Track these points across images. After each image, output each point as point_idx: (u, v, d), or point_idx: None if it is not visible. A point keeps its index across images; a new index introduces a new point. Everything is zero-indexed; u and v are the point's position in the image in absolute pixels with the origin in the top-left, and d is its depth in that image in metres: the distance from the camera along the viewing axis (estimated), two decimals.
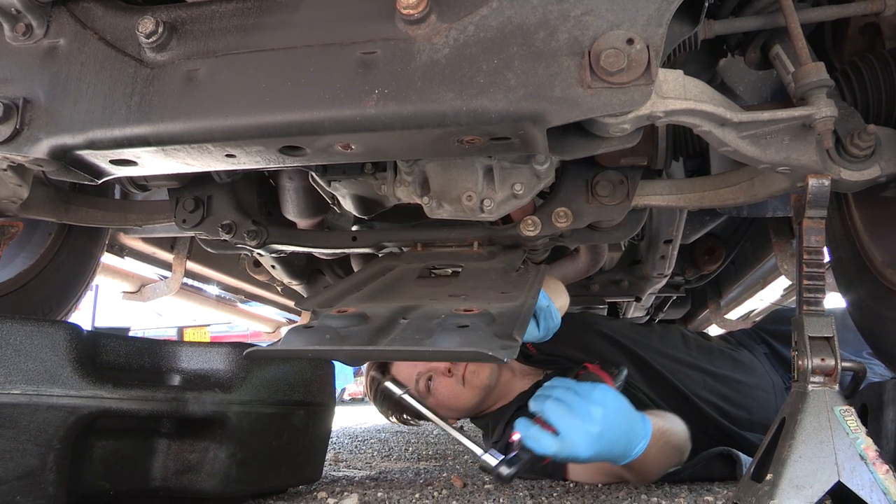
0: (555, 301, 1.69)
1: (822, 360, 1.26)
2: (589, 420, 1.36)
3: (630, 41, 1.07)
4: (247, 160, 1.31)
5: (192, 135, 1.25)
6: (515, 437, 1.43)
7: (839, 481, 1.16)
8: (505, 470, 1.41)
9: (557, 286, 1.84)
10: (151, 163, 1.37)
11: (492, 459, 1.45)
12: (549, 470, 1.85)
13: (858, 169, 1.31)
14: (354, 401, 9.40)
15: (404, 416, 2.25)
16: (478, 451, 1.52)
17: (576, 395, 1.40)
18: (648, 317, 3.64)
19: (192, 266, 3.10)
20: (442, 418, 1.85)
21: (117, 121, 1.27)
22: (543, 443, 1.33)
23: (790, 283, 3.22)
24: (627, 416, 1.44)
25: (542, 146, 1.15)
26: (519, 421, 1.37)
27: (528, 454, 1.41)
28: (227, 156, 1.30)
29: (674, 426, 1.68)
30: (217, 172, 1.73)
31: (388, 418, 2.29)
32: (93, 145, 1.31)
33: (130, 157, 1.34)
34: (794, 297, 1.37)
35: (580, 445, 1.34)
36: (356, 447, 3.20)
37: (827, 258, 1.67)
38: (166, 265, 3.02)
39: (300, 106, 1.16)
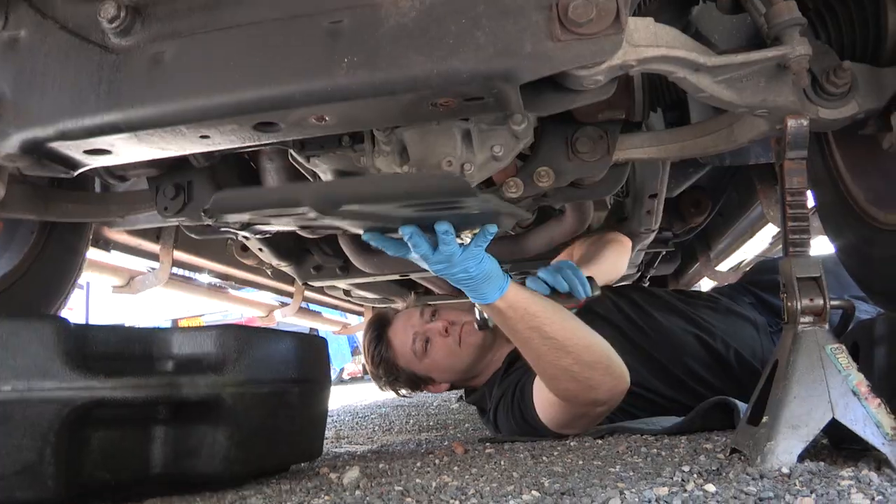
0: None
1: (811, 300, 1.27)
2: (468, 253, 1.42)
3: None
4: (222, 140, 1.29)
5: (164, 118, 1.23)
6: None
7: (833, 418, 1.17)
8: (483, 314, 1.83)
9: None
10: (126, 150, 1.35)
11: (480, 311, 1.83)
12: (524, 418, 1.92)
13: (836, 107, 1.31)
14: (354, 380, 9.42)
15: (402, 385, 2.28)
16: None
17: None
18: (639, 274, 3.65)
19: (181, 255, 3.09)
20: None
21: (87, 110, 1.25)
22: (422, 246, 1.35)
23: (777, 230, 3.24)
24: (491, 268, 1.50)
25: (517, 104, 1.14)
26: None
27: None
28: (202, 137, 1.29)
29: (565, 320, 1.69)
30: (195, 157, 1.71)
31: (384, 388, 2.31)
32: (64, 136, 1.29)
33: (104, 145, 1.33)
34: (782, 244, 1.37)
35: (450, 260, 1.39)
36: (357, 424, 3.22)
37: (811, 202, 1.67)
38: (154, 256, 3.00)
39: (271, 80, 1.15)
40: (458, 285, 1.50)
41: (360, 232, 1.38)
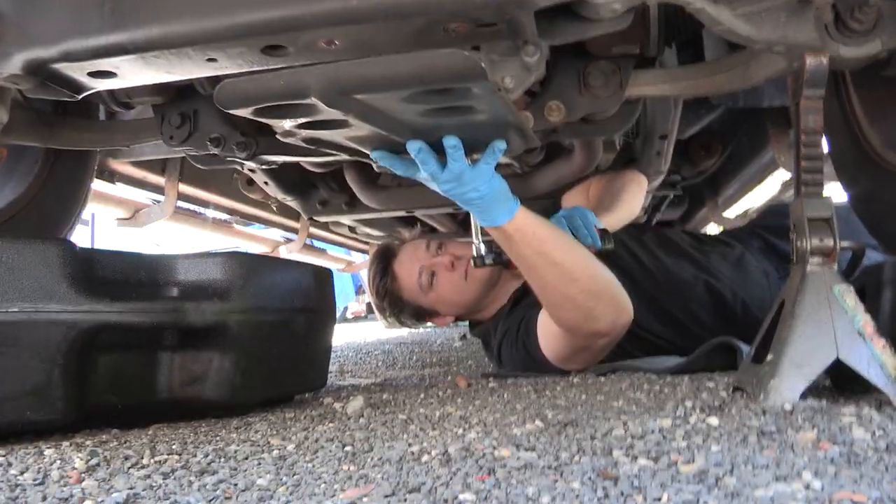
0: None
1: (821, 240, 1.26)
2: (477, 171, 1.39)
3: None
4: (229, 64, 1.27)
5: (171, 39, 1.21)
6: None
7: (838, 358, 1.17)
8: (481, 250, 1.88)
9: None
10: (131, 73, 1.33)
11: (479, 247, 1.89)
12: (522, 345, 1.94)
13: (858, 44, 1.28)
14: (357, 319, 9.49)
15: (407, 318, 2.28)
16: (475, 237, 1.88)
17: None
18: (646, 217, 3.63)
19: (186, 189, 3.07)
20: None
21: (92, 29, 1.22)
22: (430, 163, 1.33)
23: (787, 177, 3.21)
24: (501, 188, 1.49)
25: (531, 31, 1.11)
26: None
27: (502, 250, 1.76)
28: (209, 60, 1.26)
29: (572, 248, 1.70)
30: (201, 84, 1.69)
31: (388, 319, 2.32)
32: (68, 57, 1.27)
33: (109, 67, 1.30)
34: (792, 192, 1.35)
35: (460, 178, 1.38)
36: (361, 359, 3.25)
37: (825, 148, 1.65)
38: (159, 189, 2.99)
39: (281, 1, 1.11)
40: (466, 206, 1.48)
41: (369, 151, 1.36)
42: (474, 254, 1.91)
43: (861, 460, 0.84)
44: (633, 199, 2.21)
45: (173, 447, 1.13)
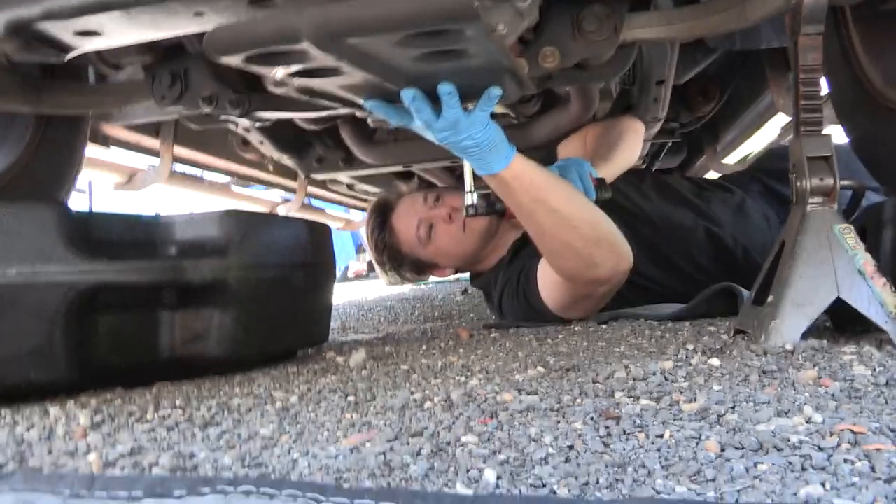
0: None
1: (821, 179, 1.25)
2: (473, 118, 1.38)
3: None
4: (217, 17, 1.24)
5: None
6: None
7: (838, 297, 1.17)
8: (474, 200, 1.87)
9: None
10: (117, 31, 1.30)
11: (472, 197, 1.87)
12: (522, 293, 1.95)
13: None
14: (359, 278, 9.51)
15: (407, 271, 2.29)
16: (468, 187, 1.87)
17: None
18: (645, 166, 3.61)
19: (182, 151, 3.05)
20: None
21: None
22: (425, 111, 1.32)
23: (787, 121, 3.18)
24: (497, 135, 1.48)
25: None
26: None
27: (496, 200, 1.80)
28: (196, 14, 1.24)
29: (570, 194, 1.69)
30: (190, 42, 1.66)
31: (388, 273, 2.32)
32: (51, 15, 1.24)
33: (94, 26, 1.28)
34: (791, 136, 1.34)
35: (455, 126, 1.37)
36: (362, 316, 3.26)
37: (825, 89, 1.63)
38: (154, 152, 2.96)
39: None
40: (462, 154, 1.47)
41: (362, 100, 1.34)
42: (466, 203, 1.90)
43: (861, 395, 0.85)
44: (630, 147, 2.19)
45: (177, 403, 1.13)
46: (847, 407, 0.80)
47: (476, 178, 1.75)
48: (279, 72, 1.15)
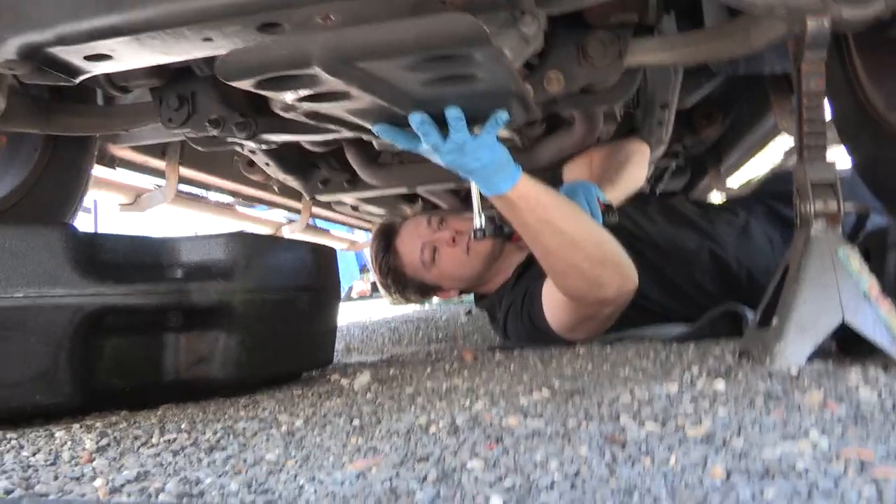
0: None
1: (825, 203, 1.25)
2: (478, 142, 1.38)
3: None
4: (225, 43, 1.26)
5: (166, 19, 1.20)
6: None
7: (843, 320, 1.17)
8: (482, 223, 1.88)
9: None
10: (127, 55, 1.32)
11: (480, 220, 1.89)
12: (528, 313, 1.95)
13: (861, 5, 1.26)
14: (362, 298, 9.50)
15: (411, 294, 2.29)
16: (476, 210, 1.89)
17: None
18: (649, 189, 3.62)
19: (187, 172, 3.06)
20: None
21: (86, 12, 1.22)
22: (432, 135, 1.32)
23: (790, 145, 3.20)
24: (503, 157, 1.48)
25: (528, 1, 1.10)
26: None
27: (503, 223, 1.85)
28: (205, 40, 1.25)
29: (576, 214, 1.69)
30: (198, 65, 1.68)
31: (393, 296, 2.32)
32: (63, 41, 1.26)
33: (104, 50, 1.30)
34: (795, 159, 1.34)
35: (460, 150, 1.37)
36: (367, 337, 3.25)
37: (828, 114, 1.64)
38: (160, 173, 2.98)
39: None
40: (469, 176, 1.48)
41: (370, 125, 1.35)
42: (475, 226, 1.90)
43: (868, 419, 0.85)
44: (637, 170, 2.20)
45: (182, 426, 1.13)
46: (853, 431, 0.80)
47: (483, 200, 1.76)
48: (288, 96, 1.16)
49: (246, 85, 1.10)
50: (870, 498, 0.60)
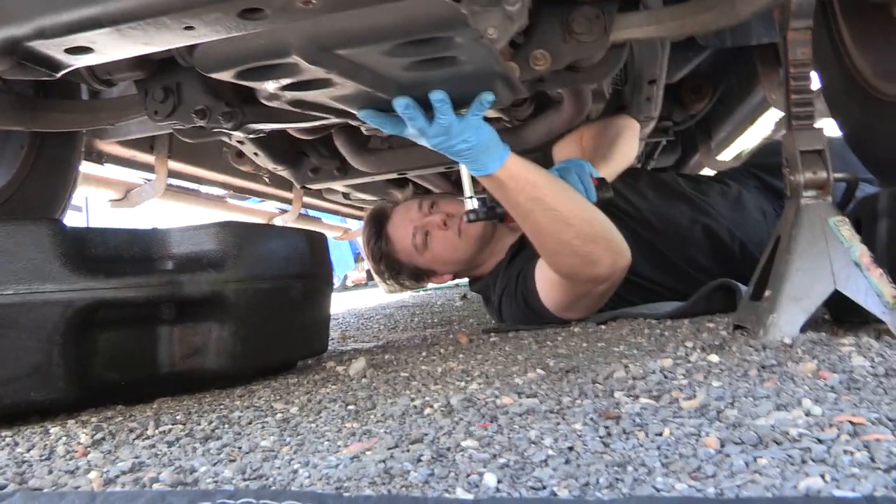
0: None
1: (815, 173, 1.25)
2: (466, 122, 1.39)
3: None
4: (207, 31, 1.24)
5: (145, 9, 1.18)
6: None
7: (836, 289, 1.17)
8: (475, 204, 1.92)
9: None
10: (108, 47, 1.30)
11: (472, 202, 1.93)
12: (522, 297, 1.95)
13: None
14: (358, 287, 9.50)
15: (405, 279, 2.29)
16: (468, 192, 1.93)
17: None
18: (640, 165, 3.61)
19: (177, 166, 3.05)
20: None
21: (64, 4, 1.20)
22: (418, 118, 1.32)
23: (780, 117, 3.19)
24: (490, 137, 1.48)
25: None
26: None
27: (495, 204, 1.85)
28: (186, 28, 1.24)
29: (566, 192, 1.69)
30: (181, 55, 1.66)
31: (387, 281, 2.32)
32: (43, 34, 1.24)
33: (85, 42, 1.28)
34: (785, 119, 1.34)
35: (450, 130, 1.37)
36: (362, 324, 3.26)
37: (816, 84, 1.63)
38: (149, 168, 2.97)
39: None
40: (457, 158, 1.47)
41: (355, 111, 1.34)
42: (467, 209, 1.90)
43: (860, 386, 0.85)
44: (628, 146, 2.19)
45: (177, 417, 1.13)
46: (846, 398, 0.80)
47: (475, 183, 1.75)
48: (270, 85, 1.15)
49: (226, 76, 1.09)
50: (861, 462, 0.60)
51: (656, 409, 0.83)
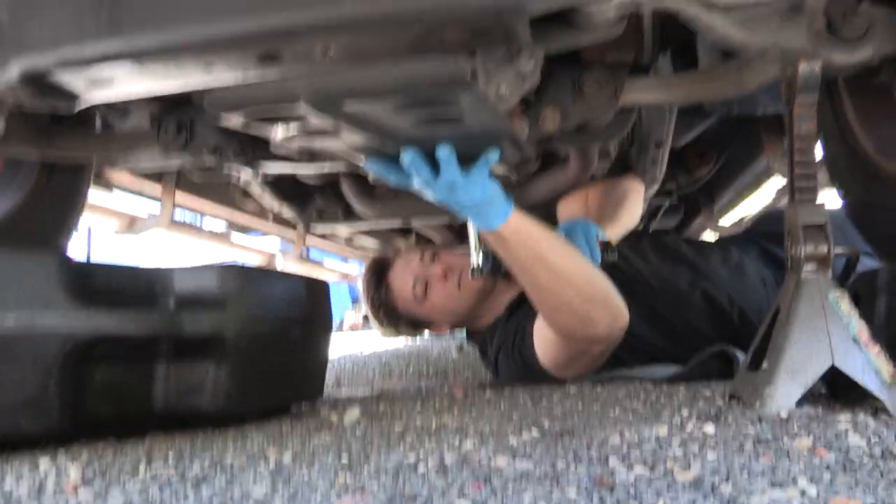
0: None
1: (816, 247, 1.26)
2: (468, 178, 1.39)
3: None
4: (226, 71, 1.27)
5: (167, 46, 1.21)
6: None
7: (833, 365, 1.17)
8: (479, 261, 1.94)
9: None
10: (128, 81, 1.33)
11: (477, 258, 1.95)
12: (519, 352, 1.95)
13: (850, 51, 1.28)
14: (354, 329, 9.46)
15: (403, 328, 2.29)
16: (473, 247, 1.96)
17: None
18: (642, 227, 3.64)
19: (183, 199, 3.07)
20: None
21: (88, 36, 1.22)
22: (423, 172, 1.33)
23: (782, 184, 3.22)
24: (494, 193, 1.48)
25: (525, 38, 1.12)
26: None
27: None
28: (206, 67, 1.26)
29: (567, 251, 1.69)
30: (197, 93, 1.69)
31: (385, 328, 2.32)
32: (65, 65, 1.27)
33: (105, 75, 1.30)
34: (787, 198, 1.36)
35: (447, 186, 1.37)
36: (357, 371, 3.24)
37: (819, 155, 1.66)
38: (156, 198, 2.99)
39: (276, 7, 1.11)
40: (462, 212, 1.49)
41: (362, 160, 1.36)
42: (472, 264, 1.91)
43: (857, 466, 0.85)
44: (633, 208, 2.21)
45: (169, 458, 1.12)
46: (842, 479, 0.80)
47: (481, 239, 1.76)
48: (279, 133, 1.17)
49: (236, 121, 1.11)
50: None
51: (650, 480, 0.83)
